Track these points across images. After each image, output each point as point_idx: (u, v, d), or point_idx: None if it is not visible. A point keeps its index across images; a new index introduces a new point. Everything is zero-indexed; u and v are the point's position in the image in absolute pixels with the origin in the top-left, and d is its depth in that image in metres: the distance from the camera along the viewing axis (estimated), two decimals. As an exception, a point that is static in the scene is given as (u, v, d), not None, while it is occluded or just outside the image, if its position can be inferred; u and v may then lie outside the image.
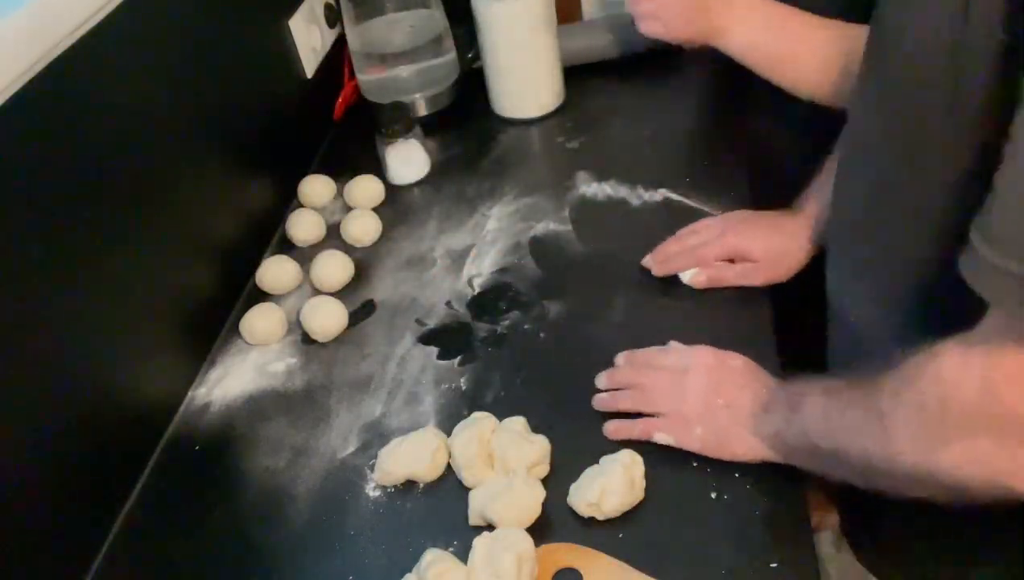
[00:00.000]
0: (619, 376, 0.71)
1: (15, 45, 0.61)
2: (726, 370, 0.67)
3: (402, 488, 0.69)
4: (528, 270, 0.88)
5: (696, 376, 0.66)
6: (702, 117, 1.07)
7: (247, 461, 0.74)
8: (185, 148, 0.84)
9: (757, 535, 0.60)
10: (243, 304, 0.90)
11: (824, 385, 0.58)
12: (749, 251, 0.78)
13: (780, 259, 0.78)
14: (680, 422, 0.65)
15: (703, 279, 0.79)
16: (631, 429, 0.67)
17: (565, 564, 0.60)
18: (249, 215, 0.96)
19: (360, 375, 0.80)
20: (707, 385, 0.66)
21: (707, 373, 0.66)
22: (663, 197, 0.93)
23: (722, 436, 0.63)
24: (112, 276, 0.72)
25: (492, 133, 1.11)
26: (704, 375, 0.66)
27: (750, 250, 0.78)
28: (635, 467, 0.63)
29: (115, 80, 0.73)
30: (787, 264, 0.78)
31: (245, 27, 0.98)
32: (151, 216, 0.78)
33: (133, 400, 0.75)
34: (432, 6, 1.12)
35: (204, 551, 0.68)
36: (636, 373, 0.70)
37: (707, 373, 0.66)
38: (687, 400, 0.65)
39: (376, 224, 0.97)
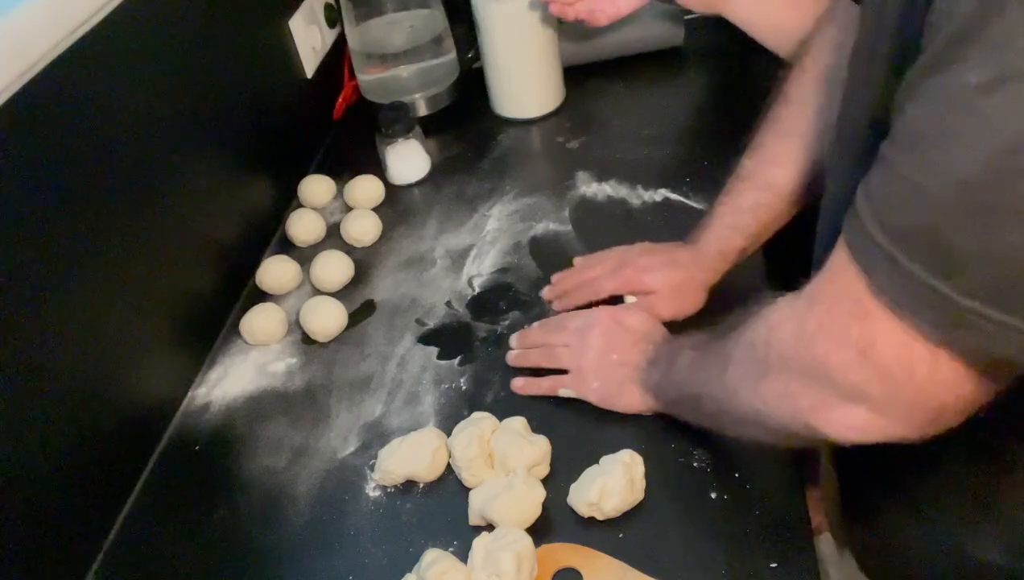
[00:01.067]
0: (531, 336, 0.77)
1: (15, 45, 0.61)
2: (622, 328, 0.72)
3: (402, 488, 0.69)
4: (528, 270, 0.88)
5: (595, 334, 0.72)
6: (702, 117, 1.07)
7: (247, 461, 0.74)
8: (185, 148, 0.84)
9: (757, 535, 0.60)
10: (243, 304, 0.90)
11: (698, 338, 0.63)
12: (648, 284, 0.77)
13: (679, 291, 0.76)
14: (580, 376, 0.71)
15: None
16: (539, 385, 0.73)
17: (565, 564, 0.60)
18: (249, 215, 0.96)
19: (360, 375, 0.80)
20: (604, 342, 0.71)
21: (605, 332, 0.72)
22: (663, 197, 0.93)
23: (615, 389, 0.69)
24: (112, 276, 0.72)
25: (492, 133, 1.11)
26: (602, 333, 0.72)
27: (649, 283, 0.77)
28: (635, 467, 0.63)
29: (115, 80, 0.73)
30: (687, 296, 0.76)
31: (245, 27, 0.98)
32: (151, 216, 0.78)
33: (133, 400, 0.75)
34: (432, 6, 1.12)
35: (204, 551, 0.68)
36: (545, 333, 0.76)
37: (605, 332, 0.72)
38: (587, 356, 0.71)
39: (376, 224, 0.97)
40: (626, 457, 0.63)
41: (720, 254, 0.76)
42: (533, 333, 0.77)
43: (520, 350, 0.77)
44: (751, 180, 0.75)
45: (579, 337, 0.73)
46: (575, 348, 0.72)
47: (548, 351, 0.74)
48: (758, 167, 0.74)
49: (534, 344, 0.76)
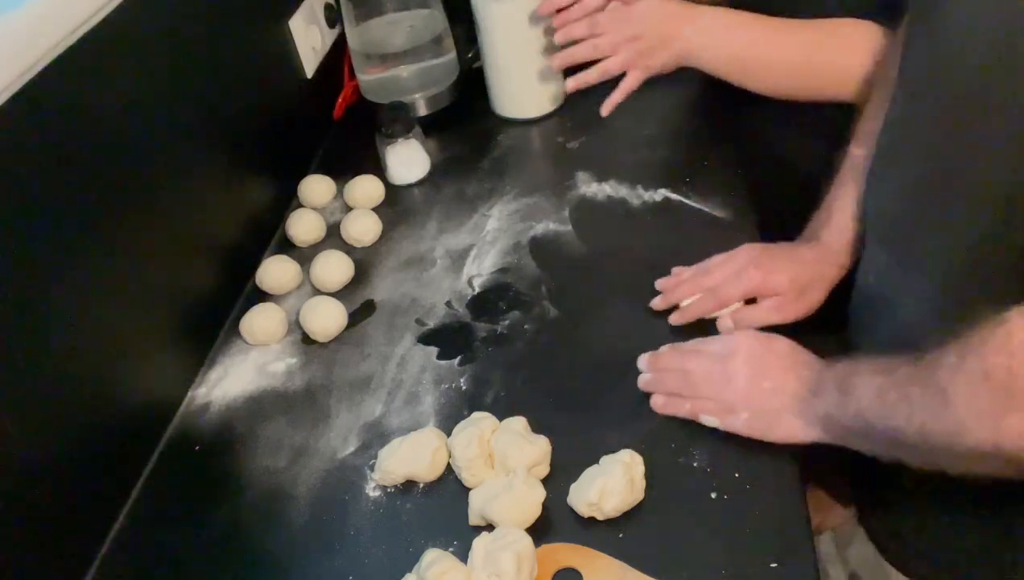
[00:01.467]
0: (663, 359, 0.71)
1: (15, 45, 0.61)
2: (771, 354, 0.66)
3: (402, 488, 0.69)
4: (528, 270, 0.88)
5: (740, 360, 0.66)
6: (702, 117, 1.07)
7: (247, 461, 0.74)
8: (185, 148, 0.84)
9: (757, 535, 0.60)
10: (243, 304, 0.90)
11: (876, 364, 0.57)
12: (773, 286, 0.73)
13: (805, 291, 0.74)
14: (726, 407, 0.65)
15: (730, 324, 0.75)
16: (679, 406, 0.67)
17: (565, 564, 0.60)
18: (249, 215, 0.96)
19: (360, 375, 0.80)
20: (752, 369, 0.65)
21: (751, 357, 0.66)
22: (663, 197, 0.93)
23: (769, 420, 0.63)
24: (112, 276, 0.72)
25: (492, 133, 1.11)
26: (748, 359, 0.66)
27: (774, 285, 0.73)
28: (635, 467, 0.63)
29: (115, 80, 0.73)
30: (812, 296, 0.74)
31: (245, 27, 0.98)
32: (151, 216, 0.78)
33: (133, 400, 0.75)
34: (432, 6, 1.12)
35: (204, 551, 0.68)
36: (680, 357, 0.70)
37: (751, 357, 0.66)
38: (732, 385, 0.65)
39: (376, 224, 0.97)
40: (626, 457, 0.63)
41: (847, 248, 0.73)
42: (665, 356, 0.71)
43: (653, 374, 0.71)
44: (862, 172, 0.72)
45: (720, 364, 0.67)
46: (716, 375, 0.67)
47: (685, 378, 0.68)
48: (868, 159, 0.71)
49: (667, 368, 0.70)
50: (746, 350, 0.67)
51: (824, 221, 0.76)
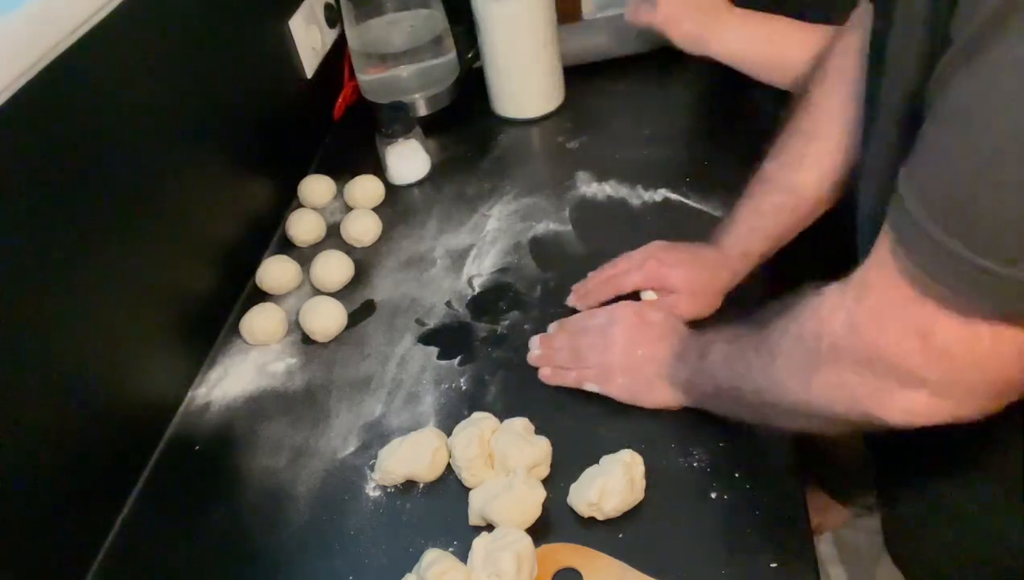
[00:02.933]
0: (553, 340, 0.76)
1: (15, 45, 0.61)
2: (645, 324, 0.72)
3: (402, 488, 0.69)
4: (528, 270, 0.88)
5: (618, 330, 0.72)
6: (702, 117, 1.07)
7: (247, 461, 0.74)
8: (185, 148, 0.84)
9: (757, 535, 0.60)
10: (243, 304, 0.90)
11: (730, 332, 0.63)
12: (670, 281, 0.76)
13: (701, 291, 0.76)
14: (605, 372, 0.71)
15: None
16: (565, 376, 0.73)
17: (565, 564, 0.60)
18: (249, 215, 0.96)
19: (360, 375, 0.80)
20: (628, 338, 0.71)
21: (628, 327, 0.72)
22: (663, 197, 0.93)
23: (642, 384, 0.69)
24: (112, 276, 0.72)
25: (492, 133, 1.11)
26: (625, 329, 0.72)
27: (671, 280, 0.76)
28: (635, 467, 0.63)
29: (115, 80, 0.73)
30: (708, 296, 0.76)
31: (245, 27, 0.98)
32: (151, 216, 0.78)
33: (133, 400, 0.75)
34: (432, 6, 1.12)
35: (204, 551, 0.68)
36: (567, 335, 0.75)
37: (628, 327, 0.72)
38: (611, 352, 0.71)
39: (376, 224, 0.97)
40: (626, 457, 0.63)
41: (742, 256, 0.76)
42: (554, 335, 0.76)
43: (542, 351, 0.76)
44: (773, 183, 0.75)
45: (602, 334, 0.72)
46: (599, 345, 0.72)
47: (572, 351, 0.73)
48: (780, 170, 0.74)
49: (556, 347, 0.75)
50: (623, 320, 0.72)
51: (726, 227, 0.78)
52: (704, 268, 0.76)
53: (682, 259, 0.77)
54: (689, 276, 0.76)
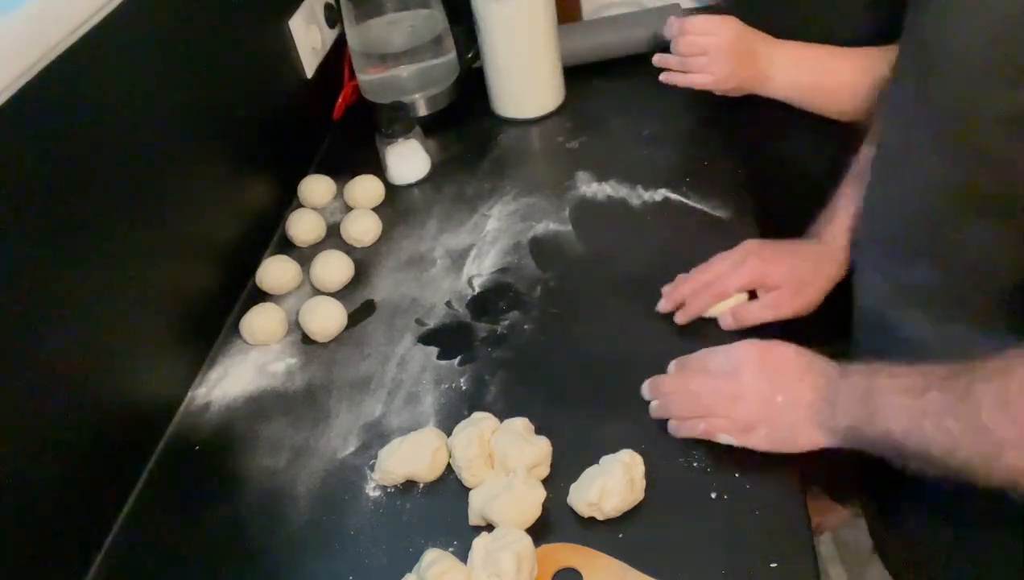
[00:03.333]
0: (667, 383, 0.69)
1: (15, 45, 0.61)
2: (777, 363, 0.64)
3: (402, 488, 0.69)
4: (528, 270, 0.88)
5: (748, 376, 0.64)
6: (702, 117, 1.07)
7: (247, 461, 0.74)
8: (185, 148, 0.84)
9: (757, 535, 0.60)
10: (243, 304, 0.90)
11: (899, 383, 0.55)
12: (773, 277, 0.73)
13: (804, 287, 0.73)
14: (742, 426, 0.63)
15: (730, 321, 0.74)
16: (694, 427, 0.65)
17: (565, 564, 0.60)
18: (249, 215, 0.96)
19: (360, 375, 0.80)
20: (762, 384, 0.63)
21: (759, 370, 0.64)
22: (663, 197, 0.93)
23: (788, 432, 0.62)
24: (112, 276, 0.72)
25: (492, 133, 1.11)
26: (756, 373, 0.64)
27: (774, 276, 0.73)
28: (635, 467, 0.63)
29: (115, 80, 0.73)
30: (811, 292, 0.73)
31: (245, 27, 0.98)
32: (151, 216, 0.78)
33: (133, 400, 0.75)
34: (432, 6, 1.12)
35: (204, 551, 0.68)
36: (684, 379, 0.68)
37: (759, 370, 0.64)
38: (744, 403, 0.63)
39: (376, 224, 0.97)
40: (626, 457, 0.63)
41: (847, 248, 0.73)
42: (669, 380, 0.69)
43: (660, 400, 0.68)
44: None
45: (727, 380, 0.65)
46: (725, 394, 0.64)
47: (693, 398, 0.66)
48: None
49: (673, 391, 0.68)
50: (752, 364, 0.65)
51: (827, 220, 0.76)
52: (806, 261, 0.73)
53: (782, 256, 0.74)
54: (792, 270, 0.72)
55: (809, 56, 0.91)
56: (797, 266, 0.73)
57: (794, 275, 0.73)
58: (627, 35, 1.16)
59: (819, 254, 0.74)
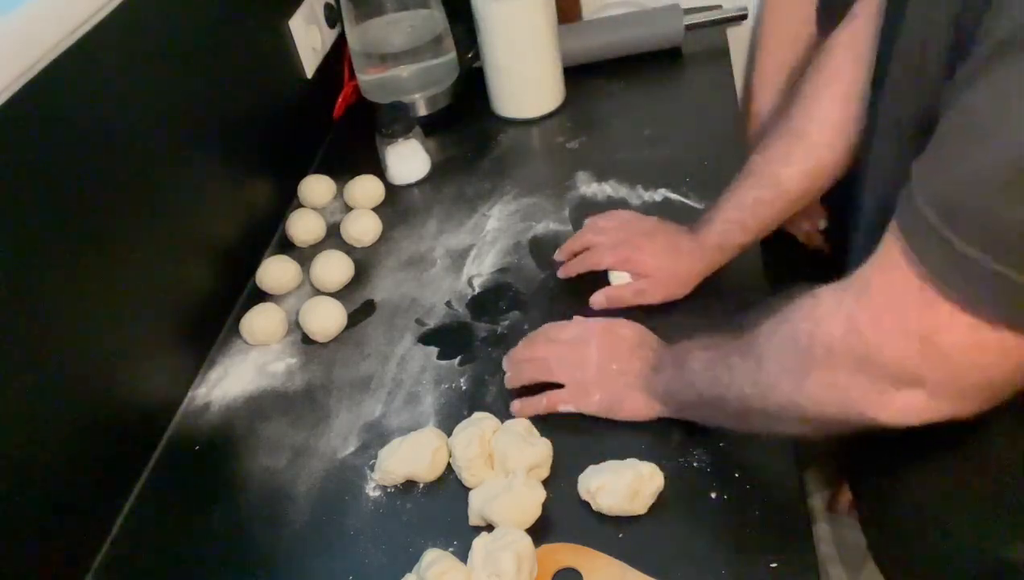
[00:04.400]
0: (519, 353, 0.75)
1: (15, 45, 0.61)
2: (618, 338, 0.72)
3: (402, 488, 0.69)
4: (528, 270, 0.88)
5: (592, 346, 0.71)
6: (702, 117, 1.07)
7: (247, 461, 0.74)
8: (185, 148, 0.84)
9: (757, 535, 0.60)
10: (243, 304, 0.90)
11: (707, 340, 0.62)
12: (644, 266, 0.78)
13: (674, 278, 0.78)
14: (580, 390, 0.70)
15: (601, 300, 0.80)
16: (536, 404, 0.71)
17: (565, 564, 0.60)
18: (249, 215, 0.96)
19: (360, 375, 0.80)
20: (602, 354, 0.70)
21: (601, 343, 0.71)
22: (663, 197, 0.93)
23: (617, 398, 0.68)
24: (112, 276, 0.72)
25: (492, 133, 1.11)
26: (599, 345, 0.71)
27: (645, 265, 0.78)
28: (647, 482, 0.62)
29: (115, 80, 0.73)
30: (680, 283, 0.78)
31: (245, 27, 0.98)
32: (151, 216, 0.78)
33: (133, 400, 0.75)
34: (432, 6, 1.12)
35: (204, 551, 0.68)
36: (536, 348, 0.74)
37: (601, 343, 0.71)
38: (585, 368, 0.70)
39: (376, 224, 0.97)
40: (645, 470, 0.62)
41: (719, 248, 0.77)
42: (521, 351, 0.75)
43: (513, 371, 0.74)
44: (757, 176, 0.75)
45: (573, 350, 0.72)
46: (570, 361, 0.71)
47: (542, 364, 0.72)
48: (766, 165, 0.75)
49: (525, 360, 0.74)
50: (596, 336, 0.72)
51: (708, 216, 0.78)
52: (679, 256, 0.78)
53: (658, 247, 0.79)
54: (662, 264, 0.78)
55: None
56: (669, 261, 0.78)
57: (665, 266, 0.78)
58: (627, 35, 1.16)
59: (693, 249, 0.78)
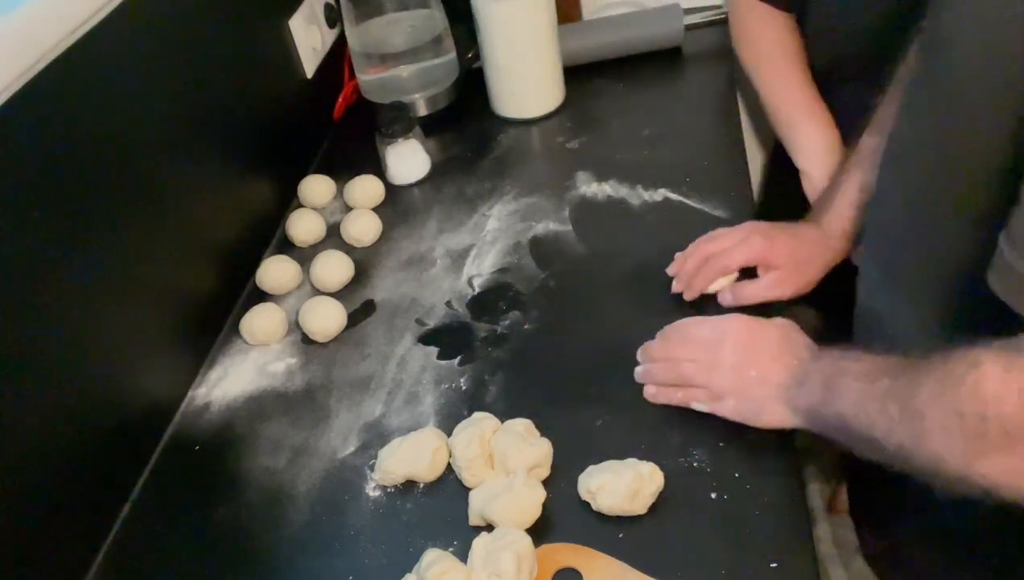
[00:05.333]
0: (654, 350, 0.71)
1: (16, 44, 0.61)
2: (759, 339, 0.67)
3: (402, 488, 0.69)
4: (528, 270, 0.88)
5: (728, 348, 0.67)
6: (702, 117, 1.07)
7: (247, 461, 0.74)
8: (185, 148, 0.84)
9: (757, 535, 0.60)
10: (243, 304, 0.90)
11: (860, 368, 0.57)
12: (774, 257, 0.75)
13: (804, 267, 0.75)
14: (714, 393, 0.66)
15: (729, 298, 0.76)
16: (671, 395, 0.68)
17: (565, 564, 0.60)
18: (249, 215, 0.96)
19: (360, 375, 0.80)
20: (739, 357, 0.66)
21: (739, 344, 0.67)
22: (663, 197, 0.93)
23: (755, 406, 0.64)
24: (112, 276, 0.72)
25: (492, 133, 1.11)
26: (736, 347, 0.67)
27: (775, 256, 0.75)
28: (648, 482, 0.62)
29: (115, 80, 0.73)
30: (809, 274, 0.75)
31: (245, 27, 0.98)
32: (151, 216, 0.78)
33: (133, 400, 0.75)
34: (432, 6, 1.12)
35: (204, 551, 0.68)
36: (670, 346, 0.71)
37: (739, 344, 0.67)
38: (718, 372, 0.66)
39: (376, 224, 0.97)
40: (645, 469, 0.62)
41: (844, 233, 0.75)
42: (657, 347, 0.72)
43: (644, 366, 0.71)
44: (873, 157, 0.72)
45: (708, 350, 0.67)
46: (705, 363, 0.67)
47: (674, 366, 0.69)
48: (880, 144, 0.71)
49: (658, 357, 0.71)
50: (734, 336, 0.67)
51: (827, 204, 0.76)
52: (805, 243, 0.75)
53: (784, 234, 0.76)
54: (793, 251, 0.74)
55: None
56: (797, 248, 0.75)
57: (794, 256, 0.74)
58: (627, 35, 1.16)
59: (819, 238, 0.76)
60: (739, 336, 0.67)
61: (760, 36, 0.99)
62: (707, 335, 0.69)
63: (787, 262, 0.74)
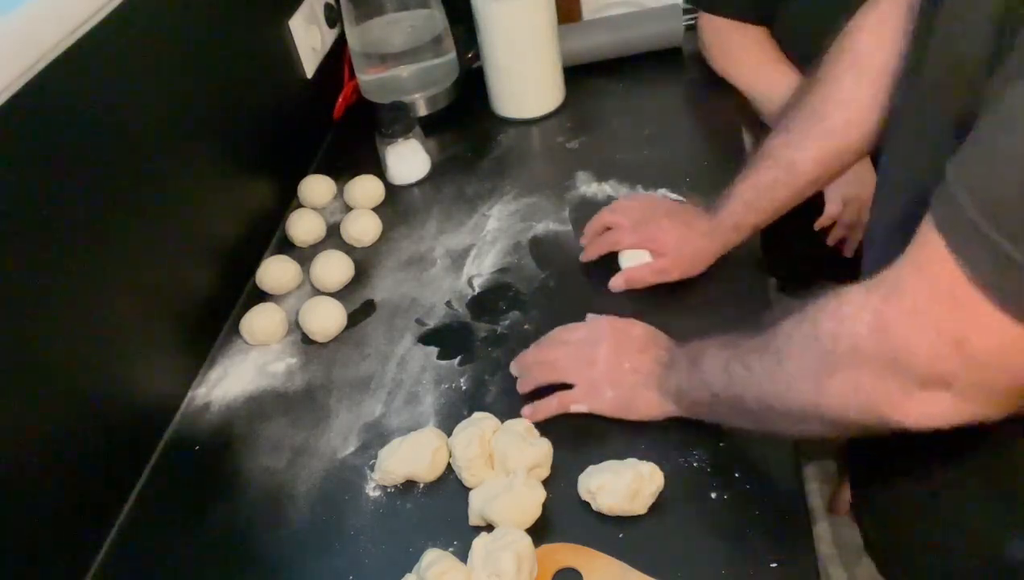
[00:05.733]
0: (528, 357, 0.75)
1: (16, 45, 0.61)
2: (628, 337, 0.72)
3: (402, 488, 0.69)
4: (528, 270, 0.88)
5: (602, 345, 0.71)
6: (702, 117, 1.07)
7: (247, 461, 0.74)
8: (185, 148, 0.84)
9: (757, 535, 0.60)
10: (243, 304, 0.90)
11: (723, 339, 0.62)
12: (662, 245, 0.80)
13: (690, 257, 0.80)
14: (592, 388, 0.70)
15: (620, 282, 0.82)
16: (548, 406, 0.71)
17: (565, 564, 0.60)
18: (249, 215, 0.96)
19: (360, 375, 0.80)
20: (613, 353, 0.70)
21: (611, 341, 0.71)
22: (663, 197, 0.93)
23: (630, 397, 0.68)
24: (112, 276, 0.72)
25: (492, 133, 1.11)
26: (609, 343, 0.71)
27: (663, 244, 0.80)
28: (648, 482, 0.62)
29: (115, 80, 0.73)
30: (695, 264, 0.80)
31: (245, 27, 0.98)
32: (151, 216, 0.78)
33: (133, 400, 0.75)
34: (432, 6, 1.12)
35: (204, 551, 0.68)
36: (545, 351, 0.74)
37: (611, 341, 0.71)
38: (596, 368, 0.70)
39: (376, 224, 0.97)
40: (645, 469, 0.62)
41: (734, 228, 0.78)
42: (531, 354, 0.75)
43: (523, 375, 0.74)
44: (773, 158, 0.76)
45: (583, 350, 0.72)
46: (581, 361, 0.71)
47: (551, 366, 0.72)
48: (782, 147, 0.75)
49: (535, 362, 0.74)
50: (606, 336, 0.72)
51: (724, 197, 0.79)
52: (697, 236, 0.79)
53: (677, 224, 0.80)
54: (681, 242, 0.79)
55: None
56: (686, 237, 0.79)
57: (682, 247, 0.79)
58: (627, 35, 1.16)
59: (709, 230, 0.79)
60: (610, 335, 0.72)
61: (735, 45, 1.03)
62: (581, 337, 0.74)
63: (675, 250, 0.80)
